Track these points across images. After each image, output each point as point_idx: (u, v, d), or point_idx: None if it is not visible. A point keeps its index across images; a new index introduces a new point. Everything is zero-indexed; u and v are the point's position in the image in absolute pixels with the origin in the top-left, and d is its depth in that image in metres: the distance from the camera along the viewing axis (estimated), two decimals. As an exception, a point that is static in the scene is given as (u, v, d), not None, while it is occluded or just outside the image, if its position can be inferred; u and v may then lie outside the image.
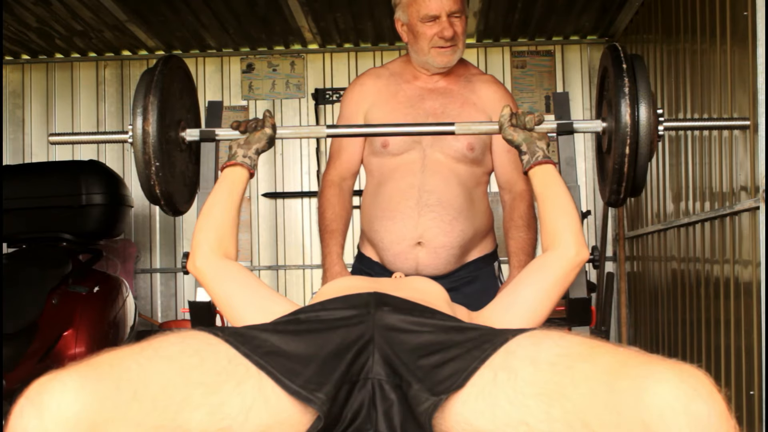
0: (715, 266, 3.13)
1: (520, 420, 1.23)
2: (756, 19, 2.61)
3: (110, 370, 1.20)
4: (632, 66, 1.87)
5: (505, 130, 1.91)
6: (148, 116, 1.87)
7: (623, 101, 1.83)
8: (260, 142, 1.93)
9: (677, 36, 3.69)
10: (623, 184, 1.90)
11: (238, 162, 1.89)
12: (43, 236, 3.89)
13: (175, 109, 2.02)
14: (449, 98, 2.31)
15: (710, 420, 1.08)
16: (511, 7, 4.58)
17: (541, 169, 1.86)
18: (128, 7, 4.39)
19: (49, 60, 5.31)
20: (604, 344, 1.28)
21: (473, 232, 2.30)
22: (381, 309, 1.47)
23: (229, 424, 1.26)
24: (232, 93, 5.28)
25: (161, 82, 1.91)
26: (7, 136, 5.29)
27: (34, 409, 1.13)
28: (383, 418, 1.35)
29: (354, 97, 2.40)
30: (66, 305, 3.58)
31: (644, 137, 1.83)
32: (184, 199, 2.12)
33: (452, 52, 2.26)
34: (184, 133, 2.06)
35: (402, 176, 2.27)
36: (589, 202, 5.13)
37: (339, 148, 2.43)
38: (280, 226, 5.23)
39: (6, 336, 3.14)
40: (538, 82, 5.17)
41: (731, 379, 2.94)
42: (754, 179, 2.69)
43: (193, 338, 1.35)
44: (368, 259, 2.40)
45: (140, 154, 1.88)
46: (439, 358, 1.36)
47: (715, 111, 3.14)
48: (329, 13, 4.63)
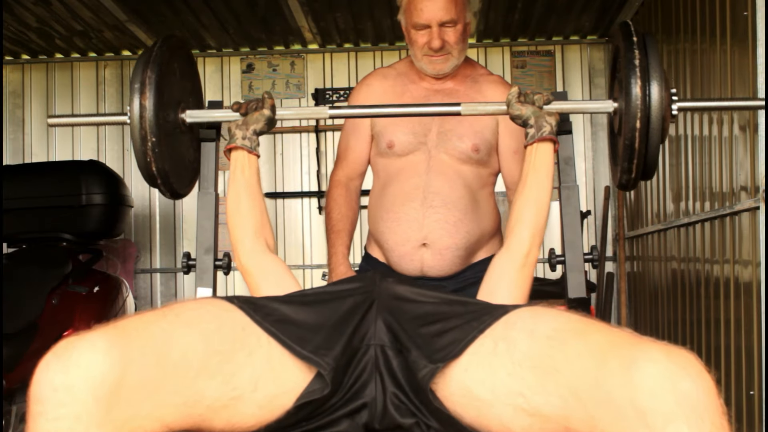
0: (715, 266, 3.13)
1: (518, 391, 1.26)
2: (756, 19, 2.61)
3: (136, 335, 1.21)
4: (644, 42, 1.80)
5: (513, 105, 1.88)
6: (145, 90, 1.80)
7: (633, 75, 1.76)
8: (258, 122, 1.90)
9: (677, 36, 3.69)
10: (634, 161, 1.81)
11: (238, 145, 1.87)
12: (43, 236, 3.89)
13: (174, 89, 1.95)
14: (455, 99, 2.30)
15: (698, 398, 1.09)
16: (511, 7, 4.58)
17: (540, 148, 1.82)
18: (128, 7, 4.39)
19: (49, 60, 5.31)
20: (598, 323, 1.31)
21: (479, 233, 2.30)
22: (386, 280, 1.55)
23: (240, 393, 1.29)
24: (232, 93, 5.28)
25: (159, 58, 1.84)
26: (7, 136, 5.29)
27: (60, 364, 1.14)
28: (390, 379, 1.39)
29: (360, 98, 2.40)
30: (66, 305, 3.58)
31: (656, 112, 1.76)
32: (185, 182, 2.06)
33: (443, 61, 2.25)
34: (184, 114, 1.99)
35: (407, 177, 2.28)
36: (589, 202, 5.13)
37: (346, 147, 2.44)
38: (280, 226, 5.23)
39: (6, 336, 3.14)
40: (538, 82, 5.17)
41: (731, 379, 2.94)
42: (754, 179, 2.70)
43: (210, 304, 1.39)
44: (375, 260, 2.40)
45: (137, 131, 1.81)
46: (440, 328, 1.41)
47: (715, 111, 3.14)
48: (329, 13, 4.63)
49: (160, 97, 1.83)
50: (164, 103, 1.86)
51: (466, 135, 2.27)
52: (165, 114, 1.87)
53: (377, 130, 2.34)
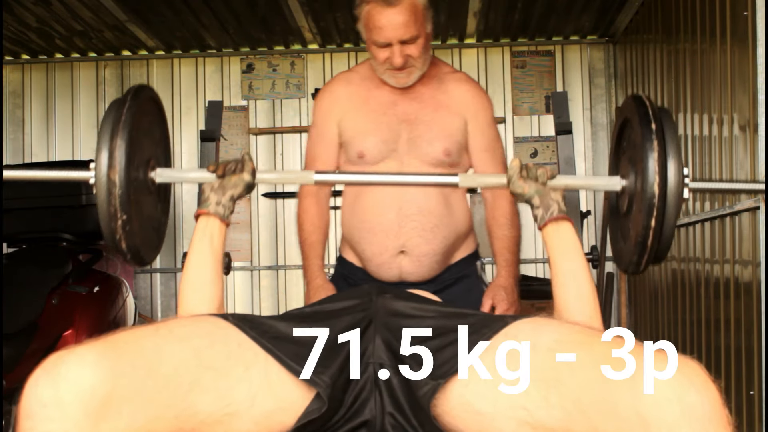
0: (715, 266, 3.13)
1: (520, 404, 1.25)
2: (756, 19, 2.61)
3: (126, 348, 1.21)
4: (662, 126, 1.63)
5: (514, 183, 1.70)
6: (115, 163, 1.57)
7: (650, 158, 1.60)
8: (237, 187, 1.70)
9: (677, 36, 3.69)
10: (645, 257, 1.69)
11: (211, 212, 1.68)
12: (43, 236, 3.89)
13: (145, 148, 1.74)
14: (422, 102, 2.28)
15: (704, 409, 1.09)
16: (511, 7, 4.58)
17: (556, 228, 1.66)
18: (128, 7, 4.39)
19: (49, 60, 5.31)
20: (600, 333, 1.30)
21: (455, 237, 2.30)
22: (383, 296, 1.52)
23: (236, 409, 1.28)
24: (232, 93, 5.27)
25: (130, 120, 1.61)
26: (7, 136, 5.29)
27: (50, 379, 1.13)
28: (388, 398, 1.37)
29: (324, 106, 2.37)
30: (66, 305, 3.57)
31: (673, 199, 1.61)
32: (152, 247, 1.84)
33: (407, 75, 2.22)
34: (153, 173, 1.76)
35: (380, 186, 2.24)
36: (589, 202, 5.13)
37: (314, 157, 2.38)
38: (280, 226, 5.22)
39: (6, 336, 3.14)
40: (538, 82, 5.17)
41: (731, 379, 2.94)
42: (754, 179, 2.69)
43: (204, 321, 1.38)
44: (350, 264, 2.39)
45: (104, 205, 1.59)
46: (439, 343, 1.39)
47: (715, 111, 3.14)
48: (329, 13, 4.62)
49: (130, 166, 1.61)
50: (135, 169, 1.66)
51: (437, 139, 2.25)
52: (135, 181, 1.67)
53: (345, 139, 2.30)
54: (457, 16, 4.69)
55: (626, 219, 1.76)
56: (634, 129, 1.70)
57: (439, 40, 5.13)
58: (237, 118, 5.23)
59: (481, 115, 2.34)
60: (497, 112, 5.17)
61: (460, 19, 4.74)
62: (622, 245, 1.79)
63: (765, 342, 2.56)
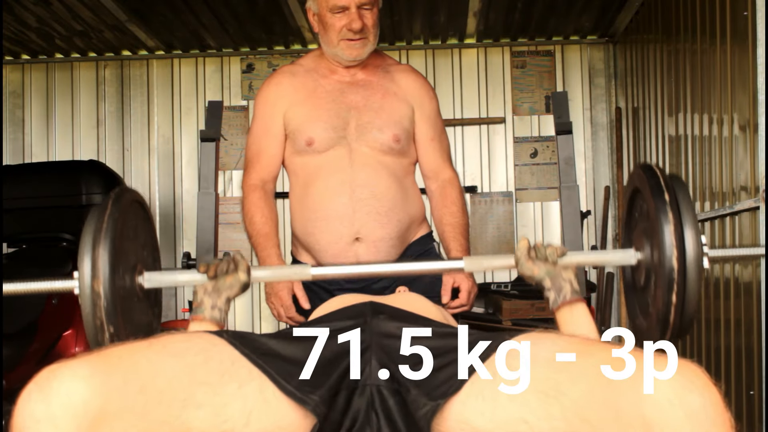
0: (715, 266, 3.13)
1: (521, 418, 1.24)
2: (756, 19, 2.61)
3: (120, 363, 1.20)
4: (675, 195, 1.54)
5: (523, 264, 1.62)
6: (98, 273, 1.47)
7: (667, 239, 1.51)
8: (232, 289, 1.61)
9: (677, 36, 3.69)
10: (668, 334, 1.61)
11: (207, 318, 1.60)
12: (43, 236, 3.89)
13: (130, 253, 1.62)
14: (370, 90, 2.28)
15: (706, 412, 1.09)
16: (511, 7, 4.58)
17: (570, 311, 1.59)
18: (128, 7, 4.39)
19: (49, 60, 5.31)
20: (598, 342, 1.30)
21: (409, 221, 2.27)
22: (377, 317, 1.50)
23: (231, 426, 1.27)
24: (232, 93, 5.28)
25: (112, 226, 1.51)
26: (7, 136, 5.29)
27: (42, 394, 1.12)
28: (386, 422, 1.36)
29: (270, 97, 2.33)
30: (66, 305, 3.58)
31: (693, 273, 1.51)
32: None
33: (362, 45, 2.21)
34: (141, 278, 1.65)
35: (330, 173, 2.22)
36: (589, 202, 5.14)
37: (258, 150, 2.34)
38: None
39: (6, 336, 3.14)
40: (538, 82, 5.17)
41: (731, 379, 2.94)
42: (754, 179, 2.70)
43: (198, 338, 1.36)
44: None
45: (90, 318, 1.48)
46: (436, 363, 1.38)
47: (715, 111, 3.14)
48: (329, 13, 4.63)
49: (115, 275, 1.51)
50: (120, 278, 1.55)
51: (386, 126, 2.24)
52: (122, 289, 1.56)
53: (292, 128, 2.27)
54: (457, 16, 4.69)
55: (644, 294, 1.67)
56: (646, 200, 1.61)
57: (439, 40, 5.13)
58: (237, 118, 5.24)
59: (427, 104, 2.35)
60: (497, 112, 5.18)
61: (460, 19, 4.75)
62: (642, 321, 1.70)
63: (765, 342, 2.56)
